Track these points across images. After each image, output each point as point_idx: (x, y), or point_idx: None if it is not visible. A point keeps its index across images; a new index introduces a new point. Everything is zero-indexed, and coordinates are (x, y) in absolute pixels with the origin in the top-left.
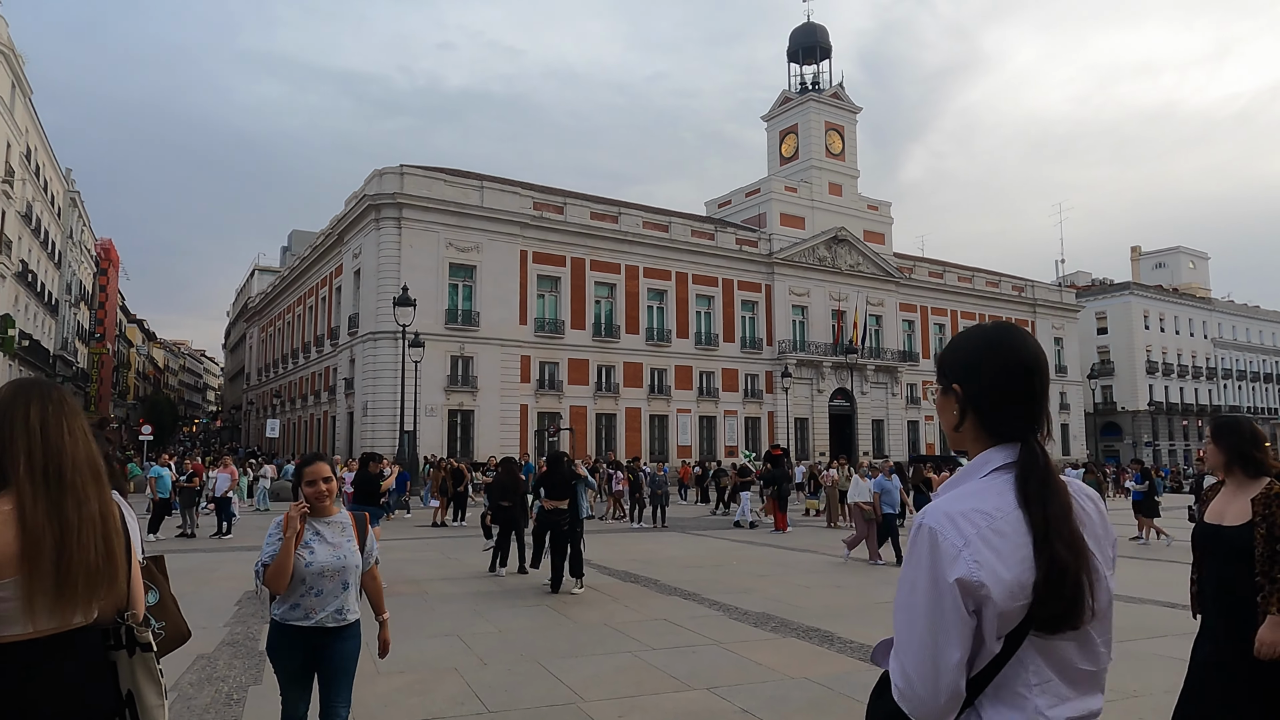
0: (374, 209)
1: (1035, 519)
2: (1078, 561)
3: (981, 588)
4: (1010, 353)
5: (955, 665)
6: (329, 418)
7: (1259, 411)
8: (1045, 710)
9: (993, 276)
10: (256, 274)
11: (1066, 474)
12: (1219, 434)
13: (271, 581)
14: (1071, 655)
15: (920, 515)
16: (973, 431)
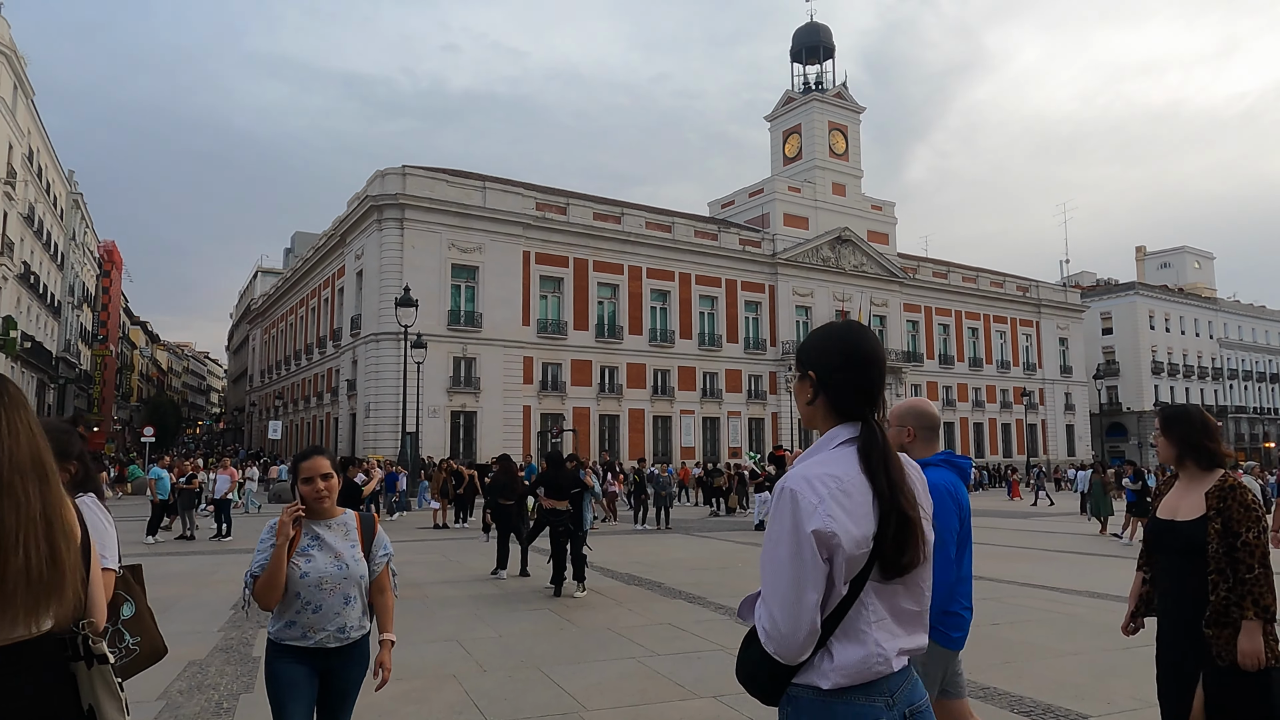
0: (376, 210)
1: (879, 483)
2: (911, 518)
3: (834, 537)
4: (855, 347)
5: (813, 605)
6: (331, 419)
7: (1265, 412)
8: (882, 644)
9: (997, 277)
10: (259, 276)
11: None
12: (1168, 425)
13: (261, 595)
14: (901, 598)
15: (782, 480)
16: (823, 411)
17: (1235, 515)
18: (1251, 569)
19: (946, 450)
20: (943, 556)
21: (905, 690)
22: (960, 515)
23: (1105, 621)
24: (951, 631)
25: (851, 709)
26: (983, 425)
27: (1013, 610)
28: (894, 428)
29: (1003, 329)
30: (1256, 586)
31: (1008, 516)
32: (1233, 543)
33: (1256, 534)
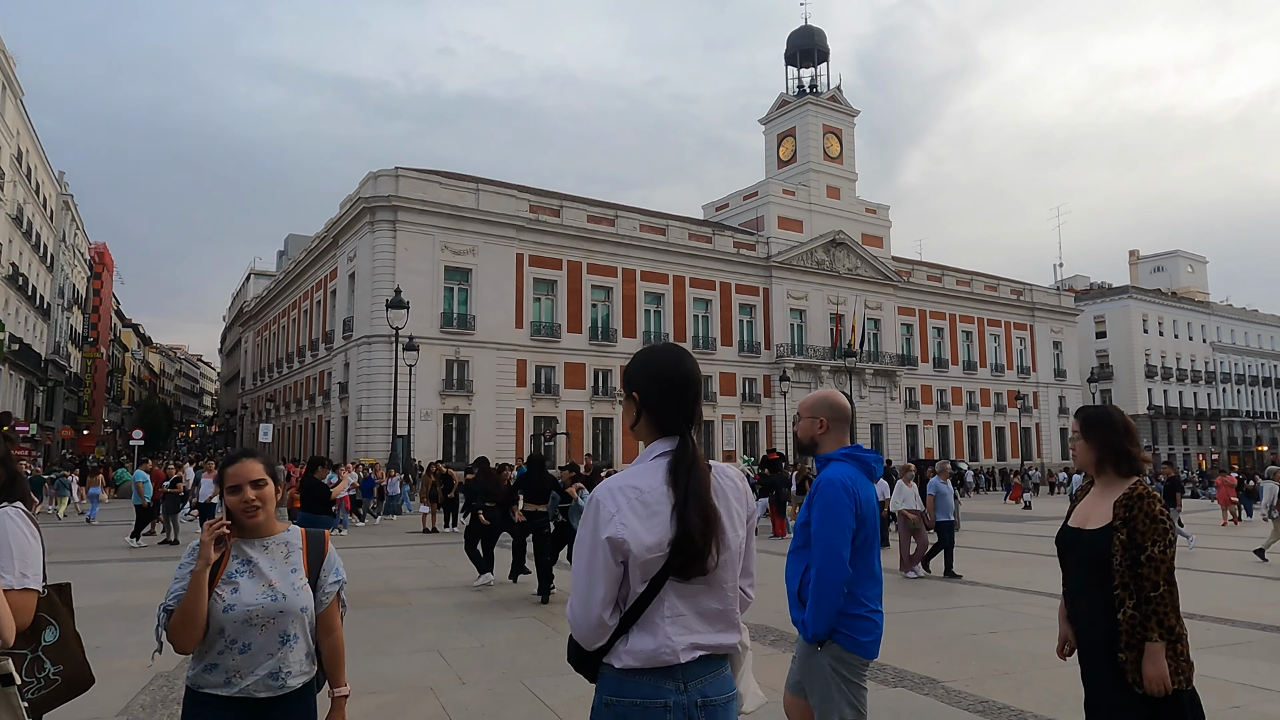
0: (369, 211)
1: (678, 493)
2: (706, 525)
3: (625, 544)
4: (673, 370)
5: (601, 601)
6: (323, 422)
7: (1257, 415)
8: (673, 637)
9: (991, 280)
10: (252, 278)
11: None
12: (1089, 428)
13: (176, 634)
14: (703, 597)
15: (594, 490)
16: (645, 428)
17: (1141, 526)
18: (1156, 586)
19: (854, 444)
20: (830, 554)
21: (704, 683)
22: (859, 512)
23: None
24: (859, 635)
25: (640, 687)
26: (977, 429)
27: (1010, 618)
28: (806, 419)
29: (997, 332)
30: (1161, 606)
31: (1002, 520)
32: (1137, 556)
33: (1162, 549)
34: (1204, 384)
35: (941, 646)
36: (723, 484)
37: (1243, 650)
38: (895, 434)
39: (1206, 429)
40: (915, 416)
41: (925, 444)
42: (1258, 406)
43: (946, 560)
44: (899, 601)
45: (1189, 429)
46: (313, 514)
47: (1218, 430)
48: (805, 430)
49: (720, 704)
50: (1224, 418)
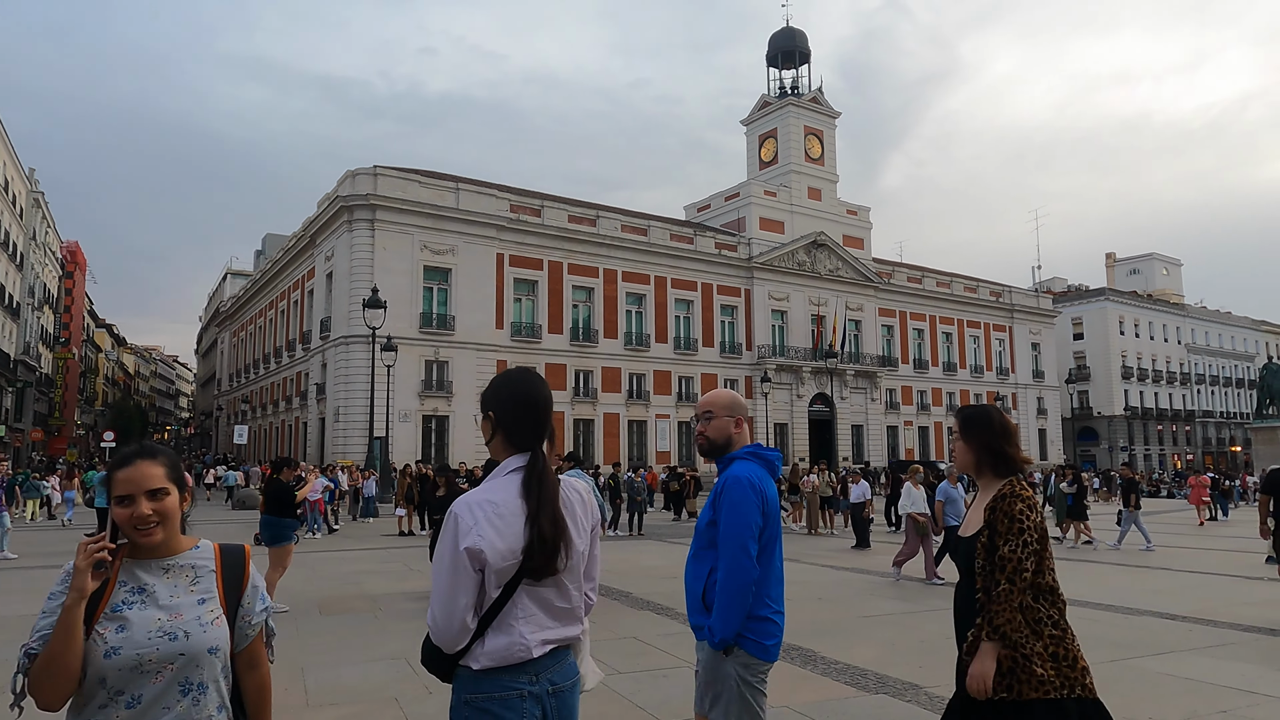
0: (346, 210)
1: (530, 504)
2: (556, 532)
3: (482, 554)
4: (526, 393)
5: (464, 607)
6: (300, 424)
7: (1231, 416)
8: (526, 634)
9: (970, 282)
10: (229, 278)
11: (1037, 478)
12: (969, 428)
13: (40, 687)
14: (552, 597)
15: (453, 504)
16: (500, 444)
17: (1000, 527)
18: (998, 583)
19: (755, 443)
20: (739, 554)
21: (553, 672)
22: (765, 510)
23: (1091, 633)
24: (764, 640)
25: (497, 684)
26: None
27: None
28: (722, 418)
29: (976, 334)
30: (996, 604)
31: None
32: (994, 557)
33: (1014, 548)
34: (1179, 385)
35: (924, 651)
36: (570, 496)
37: (1227, 652)
38: (876, 435)
39: (1181, 430)
40: (896, 417)
41: (906, 445)
42: (1231, 407)
43: (936, 557)
44: (880, 604)
45: (1164, 430)
46: (276, 517)
47: (1192, 431)
48: (721, 430)
49: (568, 688)
50: (1198, 419)
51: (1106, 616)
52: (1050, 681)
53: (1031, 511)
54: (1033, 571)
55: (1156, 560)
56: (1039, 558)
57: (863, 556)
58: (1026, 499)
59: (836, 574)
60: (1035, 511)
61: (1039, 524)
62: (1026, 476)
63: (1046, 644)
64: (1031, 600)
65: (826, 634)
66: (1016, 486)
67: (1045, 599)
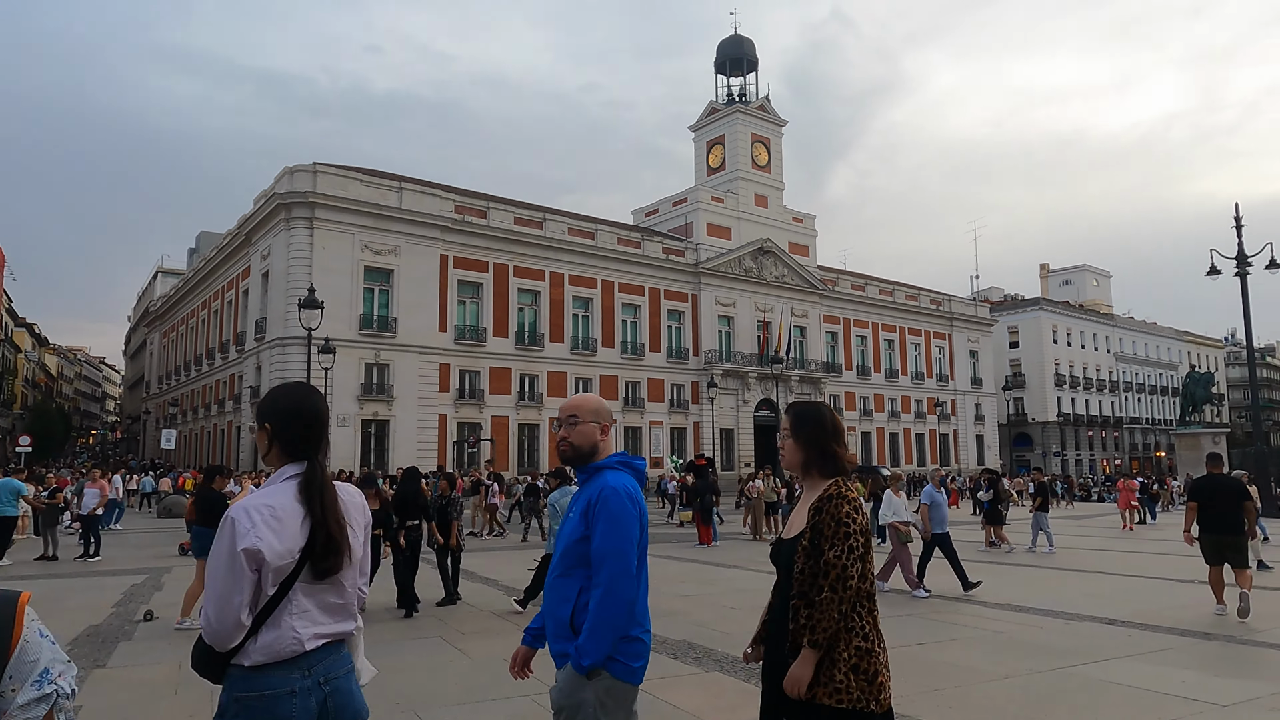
0: (284, 208)
1: (313, 508)
2: (340, 534)
3: (259, 554)
4: (300, 405)
5: (238, 606)
6: (233, 428)
7: (1156, 423)
8: (298, 629)
9: (912, 290)
10: (160, 276)
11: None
12: (799, 425)
13: None
14: (327, 594)
15: (228, 509)
16: (277, 454)
17: (825, 530)
18: (821, 590)
19: (621, 451)
20: (622, 571)
21: (325, 665)
22: (641, 523)
23: (1033, 640)
24: (632, 661)
25: (269, 679)
26: (898, 435)
27: (938, 628)
28: (588, 423)
29: (917, 341)
30: (820, 611)
31: None
32: (818, 562)
33: (839, 553)
34: (1108, 392)
35: None
36: (345, 500)
37: (1167, 658)
38: None
39: (1110, 435)
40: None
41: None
42: (1156, 414)
43: (919, 566)
44: None
45: (1094, 435)
46: (207, 527)
47: (1120, 437)
48: (586, 436)
49: (341, 677)
50: (1126, 425)
51: (1049, 622)
52: (848, 690)
53: (858, 514)
54: (858, 577)
55: (1092, 564)
56: (863, 563)
57: None
58: (852, 501)
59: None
60: (861, 514)
61: (865, 527)
62: (850, 478)
63: (851, 653)
64: (849, 608)
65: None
66: (842, 488)
67: (861, 606)
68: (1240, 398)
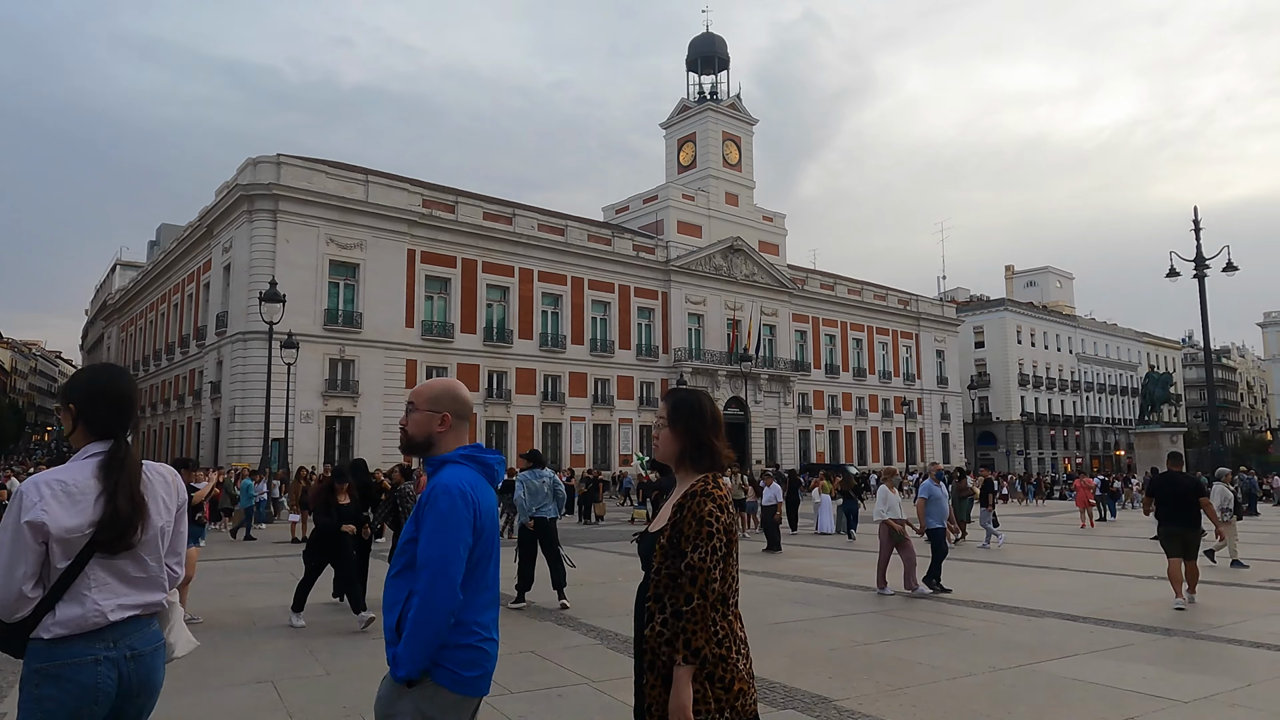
0: (247, 200)
1: (108, 484)
2: (134, 510)
3: (44, 527)
4: (106, 386)
5: (22, 577)
6: (193, 424)
7: (1116, 422)
8: (100, 602)
9: (880, 290)
10: (118, 269)
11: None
12: (677, 414)
13: None
14: (128, 567)
15: (20, 484)
16: (81, 433)
17: (686, 529)
18: (690, 599)
19: (474, 444)
20: (440, 576)
21: (133, 638)
22: (478, 524)
23: (996, 636)
24: (464, 670)
25: (70, 651)
26: (865, 433)
27: (901, 625)
28: (423, 411)
29: (885, 340)
30: (690, 622)
31: None
32: (678, 564)
33: (703, 555)
34: (1070, 392)
35: (833, 660)
36: (153, 478)
37: (1129, 654)
38: (788, 438)
39: (1072, 434)
40: (808, 421)
41: (817, 448)
42: (1116, 414)
43: (933, 570)
44: (788, 610)
45: (1056, 434)
46: None
47: (1082, 436)
48: (421, 426)
49: (148, 653)
50: (1087, 424)
51: (1012, 619)
52: (704, 700)
53: (722, 513)
54: (719, 580)
55: (1054, 560)
56: (725, 564)
57: (774, 560)
58: (718, 498)
59: (746, 579)
60: (726, 512)
61: (728, 525)
62: (721, 474)
63: (705, 661)
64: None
65: None
66: (709, 484)
67: (717, 610)
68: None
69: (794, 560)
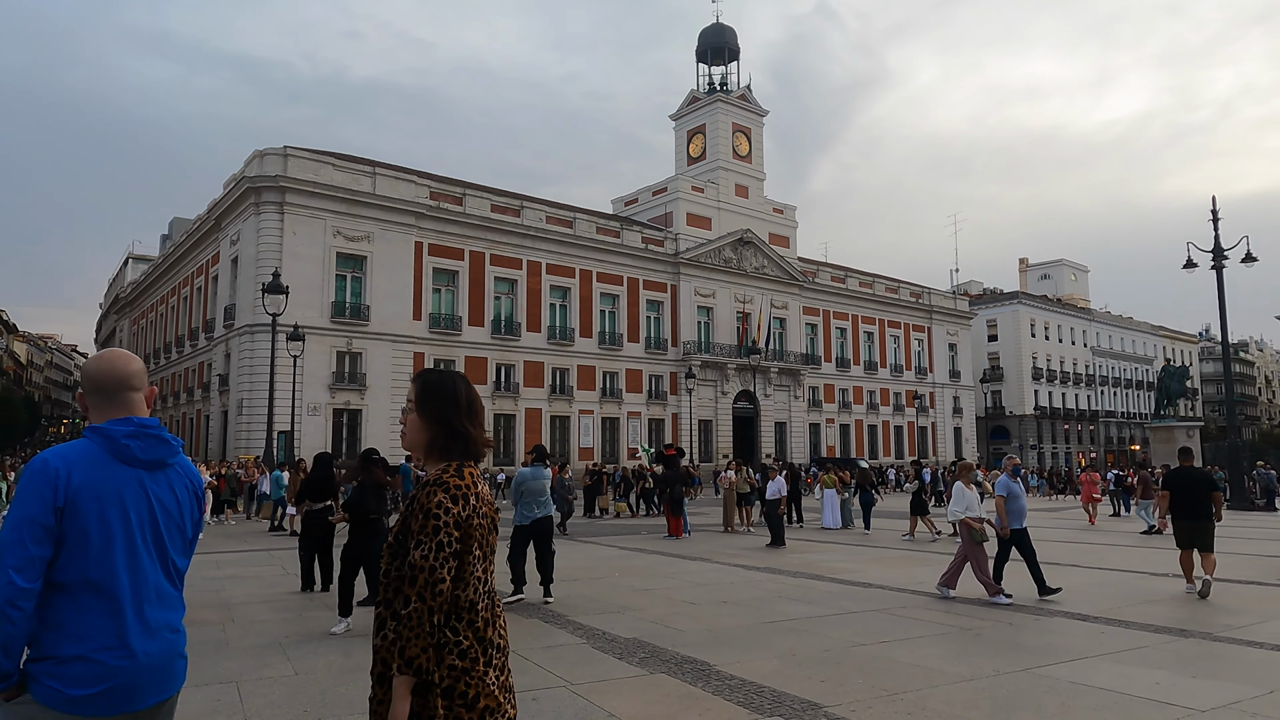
0: (254, 192)
1: None
2: None
3: None
4: None
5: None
6: (202, 417)
7: (1131, 416)
8: None
9: (892, 283)
10: (130, 263)
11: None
12: (428, 397)
13: None
14: None
15: None
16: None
17: (413, 523)
18: (408, 601)
19: (122, 418)
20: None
21: None
22: (66, 504)
23: (1002, 638)
24: (70, 688)
25: None
26: (876, 427)
27: (901, 624)
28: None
29: (897, 334)
30: (406, 628)
31: (885, 518)
32: (404, 563)
33: (426, 552)
34: (1085, 386)
35: (827, 662)
36: None
37: (1140, 657)
38: (799, 432)
39: (1086, 429)
40: (818, 415)
41: (828, 442)
42: (1131, 408)
43: (995, 567)
44: (785, 608)
45: (1071, 429)
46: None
47: (1096, 430)
48: (82, 404)
49: None
50: (1102, 418)
51: (1019, 618)
52: (429, 715)
53: (456, 504)
54: (450, 582)
55: (1063, 556)
56: (461, 563)
57: (777, 555)
58: (455, 488)
59: (746, 574)
60: (464, 503)
61: (464, 518)
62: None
63: (444, 675)
64: (443, 619)
65: (724, 644)
66: (447, 474)
67: (458, 618)
68: (1214, 392)
69: (797, 556)
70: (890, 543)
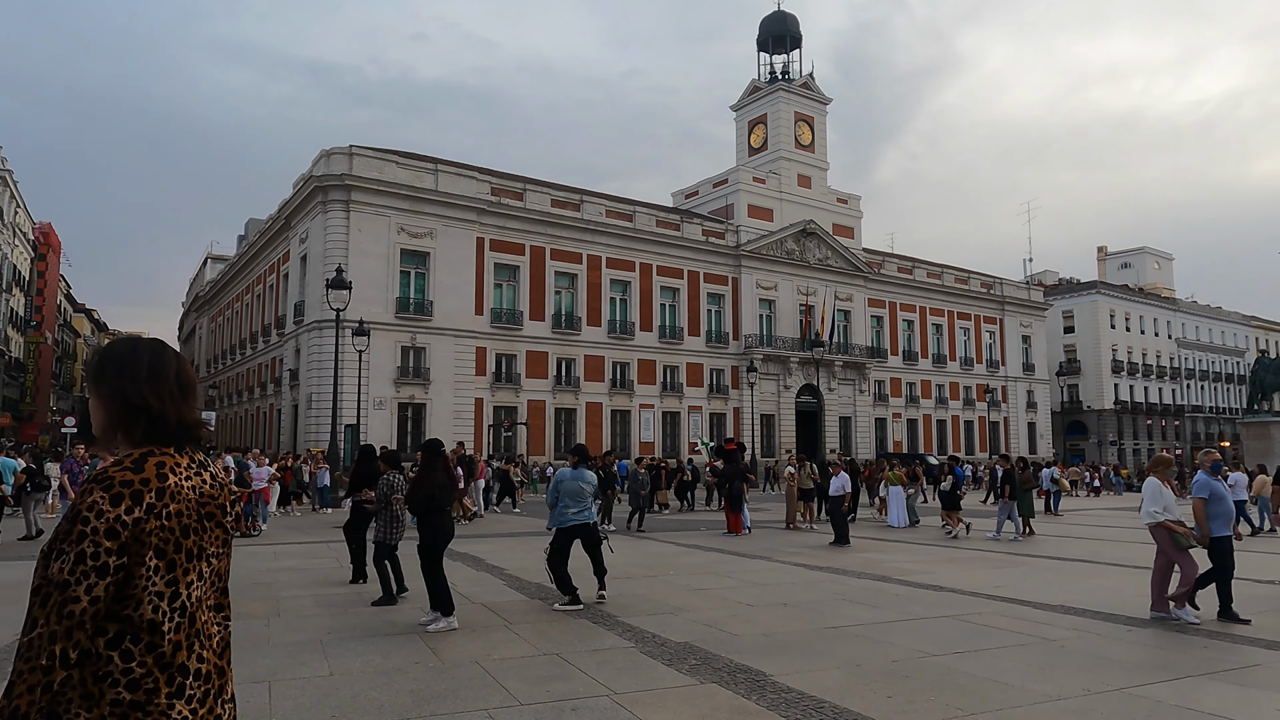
0: (321, 191)
1: None
2: None
3: None
4: None
5: None
6: (275, 411)
7: (1220, 411)
8: None
9: (961, 274)
10: (209, 263)
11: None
12: (103, 371)
13: None
14: None
15: None
16: None
17: (59, 529)
18: (34, 625)
19: None
20: None
21: None
22: None
23: (1090, 650)
24: None
25: None
26: (945, 422)
27: (976, 633)
28: None
29: (966, 326)
30: (22, 660)
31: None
32: None
33: (64, 564)
34: (1169, 380)
35: (894, 674)
36: None
37: (1253, 677)
38: (864, 427)
39: (1170, 424)
40: (884, 409)
41: (894, 438)
42: (1220, 403)
43: (1222, 591)
44: (850, 612)
45: (1154, 424)
46: None
47: (1181, 426)
48: None
49: None
50: (1188, 413)
51: (1107, 628)
52: None
53: (117, 505)
54: (93, 600)
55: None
56: (127, 577)
57: (840, 554)
58: (120, 484)
59: (808, 574)
60: (129, 504)
61: (129, 523)
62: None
63: (105, 712)
64: (102, 647)
65: (782, 651)
66: (118, 466)
67: (134, 640)
68: None
69: (862, 555)
70: (963, 543)
